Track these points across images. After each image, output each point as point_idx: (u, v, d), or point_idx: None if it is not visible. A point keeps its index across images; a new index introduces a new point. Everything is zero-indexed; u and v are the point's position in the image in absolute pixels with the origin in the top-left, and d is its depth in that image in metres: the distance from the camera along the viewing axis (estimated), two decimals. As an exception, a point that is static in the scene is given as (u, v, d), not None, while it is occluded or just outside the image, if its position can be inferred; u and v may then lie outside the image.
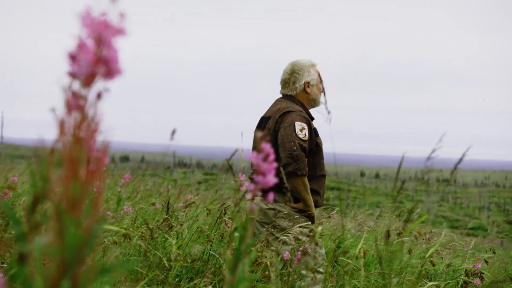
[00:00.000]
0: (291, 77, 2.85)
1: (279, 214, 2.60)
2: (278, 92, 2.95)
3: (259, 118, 2.88)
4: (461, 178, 69.51)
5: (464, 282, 2.53)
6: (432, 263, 2.84)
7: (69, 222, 0.48)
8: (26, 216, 0.55)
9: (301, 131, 2.61)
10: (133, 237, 2.29)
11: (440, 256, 3.55)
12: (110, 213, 2.82)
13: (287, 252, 2.22)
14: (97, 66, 0.49)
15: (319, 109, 2.91)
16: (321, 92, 2.88)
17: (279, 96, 2.93)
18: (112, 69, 0.50)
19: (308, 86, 2.85)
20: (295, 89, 2.85)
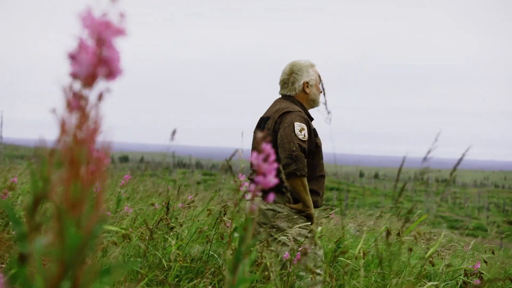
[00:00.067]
0: (290, 77, 2.85)
1: (278, 215, 2.60)
2: (278, 92, 2.95)
3: (259, 119, 2.88)
4: (461, 178, 69.54)
5: (464, 282, 2.53)
6: (432, 263, 2.84)
7: (69, 223, 0.48)
8: (26, 216, 0.55)
9: (301, 131, 2.61)
10: (133, 238, 2.29)
11: (440, 256, 3.55)
12: (109, 214, 2.82)
13: (287, 253, 2.22)
14: (97, 67, 0.49)
15: (319, 109, 2.91)
16: (320, 93, 2.88)
17: (279, 96, 2.93)
18: (113, 69, 0.49)
19: (307, 86, 2.85)
20: (294, 90, 2.85)
